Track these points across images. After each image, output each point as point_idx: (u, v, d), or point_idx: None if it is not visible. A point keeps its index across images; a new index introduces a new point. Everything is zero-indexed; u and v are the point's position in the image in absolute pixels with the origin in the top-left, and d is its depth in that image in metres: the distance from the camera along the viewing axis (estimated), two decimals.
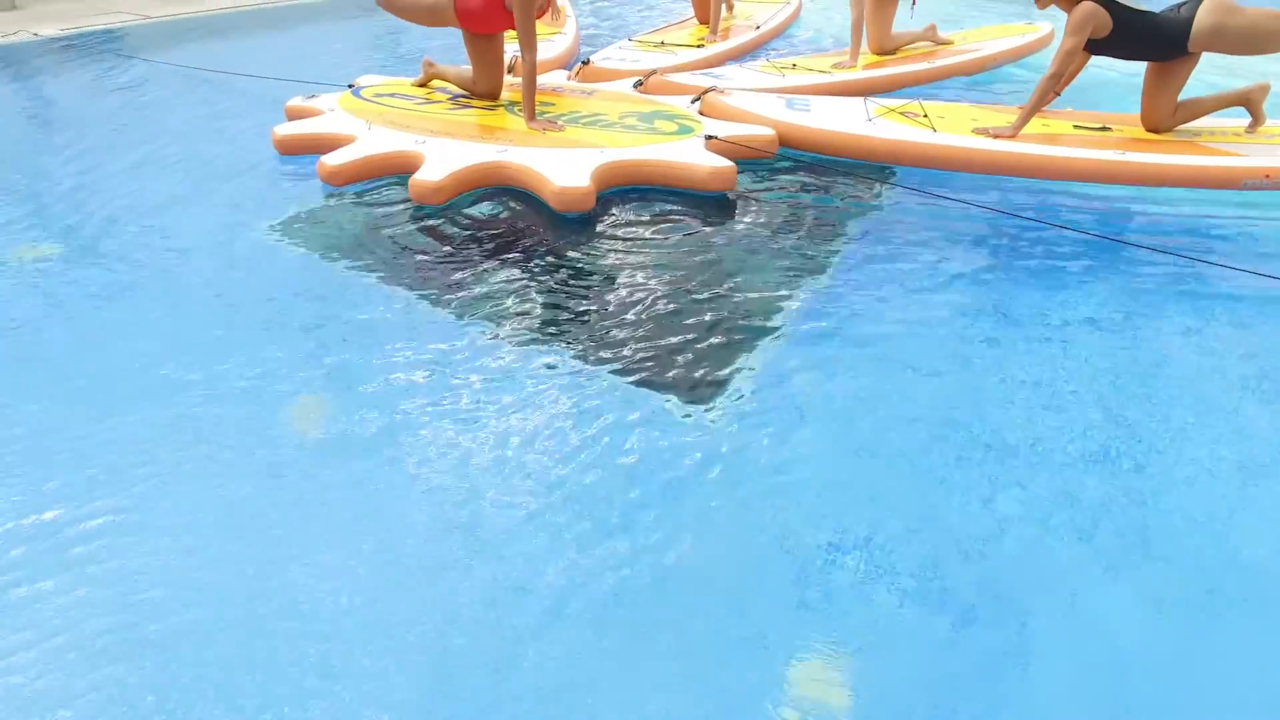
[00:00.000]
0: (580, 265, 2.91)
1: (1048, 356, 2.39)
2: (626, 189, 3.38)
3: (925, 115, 3.71)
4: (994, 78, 5.16)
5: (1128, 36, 3.28)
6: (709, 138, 3.45)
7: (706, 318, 2.58)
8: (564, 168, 3.17)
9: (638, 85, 4.27)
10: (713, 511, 1.88)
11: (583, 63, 4.62)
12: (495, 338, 2.50)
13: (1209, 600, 1.64)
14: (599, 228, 3.16)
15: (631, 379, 2.31)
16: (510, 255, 2.95)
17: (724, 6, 6.13)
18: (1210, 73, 4.07)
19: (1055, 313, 2.59)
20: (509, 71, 4.31)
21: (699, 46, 5.22)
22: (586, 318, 2.60)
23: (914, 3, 5.16)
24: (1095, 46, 3.35)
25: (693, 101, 3.93)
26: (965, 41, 5.46)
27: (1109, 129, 3.62)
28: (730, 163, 3.24)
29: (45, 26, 6.68)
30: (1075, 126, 3.64)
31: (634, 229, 3.13)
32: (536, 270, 2.87)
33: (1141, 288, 2.71)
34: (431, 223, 3.20)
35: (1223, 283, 2.70)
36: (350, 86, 4.42)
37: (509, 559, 1.73)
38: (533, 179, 3.21)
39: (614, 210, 3.26)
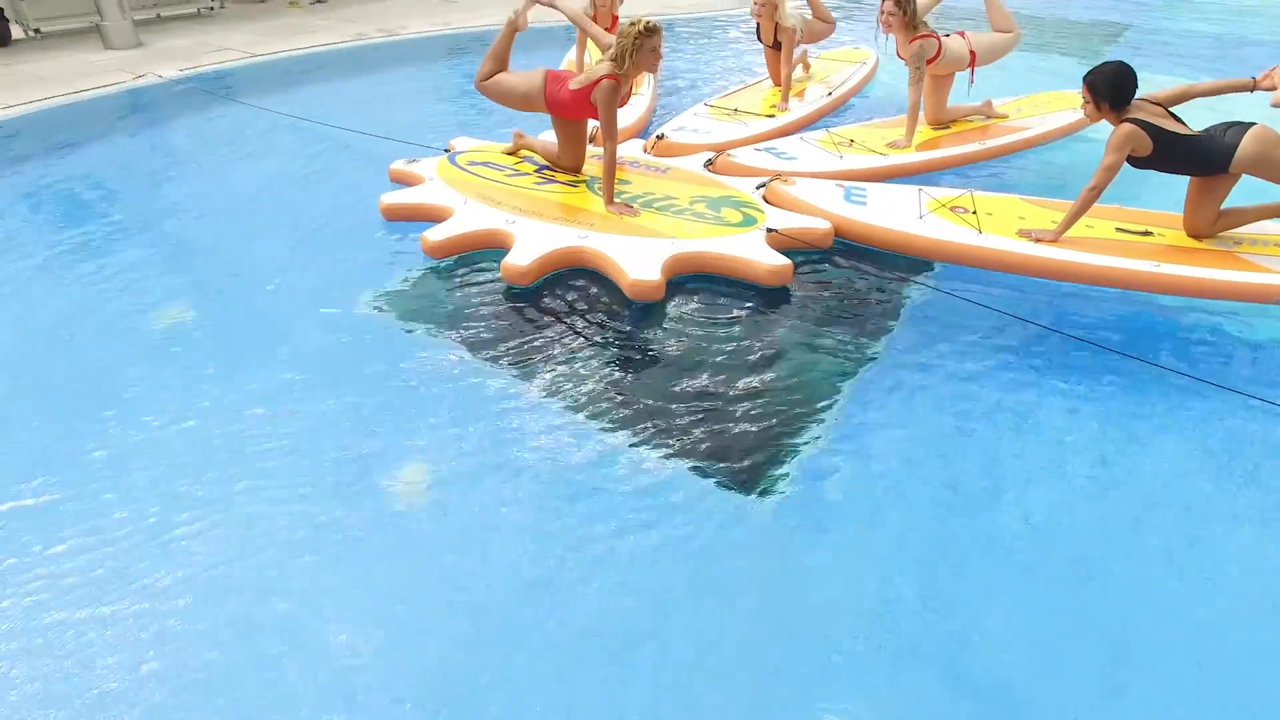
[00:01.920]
0: (648, 348, 3.29)
1: (1070, 473, 2.67)
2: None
3: (974, 211, 3.99)
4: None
5: (1168, 157, 3.52)
6: (769, 230, 3.80)
7: (756, 406, 2.93)
8: (638, 259, 3.55)
9: (708, 164, 4.64)
10: (748, 592, 2.24)
11: (658, 137, 4.98)
12: (561, 416, 2.89)
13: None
14: (667, 310, 3.53)
15: (684, 462, 2.68)
16: (585, 335, 3.35)
17: (800, 67, 6.41)
18: None
19: (1077, 430, 2.86)
20: (590, 141, 4.72)
21: (770, 116, 5.52)
22: (647, 399, 2.98)
23: (971, 80, 5.40)
24: (1137, 162, 3.59)
25: (758, 187, 4.28)
26: (1019, 113, 5.67)
27: (1151, 233, 3.84)
28: (788, 260, 3.58)
29: (166, 66, 7.35)
30: (1118, 229, 3.87)
31: (698, 315, 3.50)
32: (607, 352, 3.26)
33: (1155, 409, 2.96)
34: (517, 299, 3.61)
35: (1250, 410, 2.94)
36: (446, 151, 4.89)
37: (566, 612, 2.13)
38: (610, 267, 3.61)
39: (681, 295, 3.63)
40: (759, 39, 5.96)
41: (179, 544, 2.37)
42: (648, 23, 3.86)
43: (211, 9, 9.87)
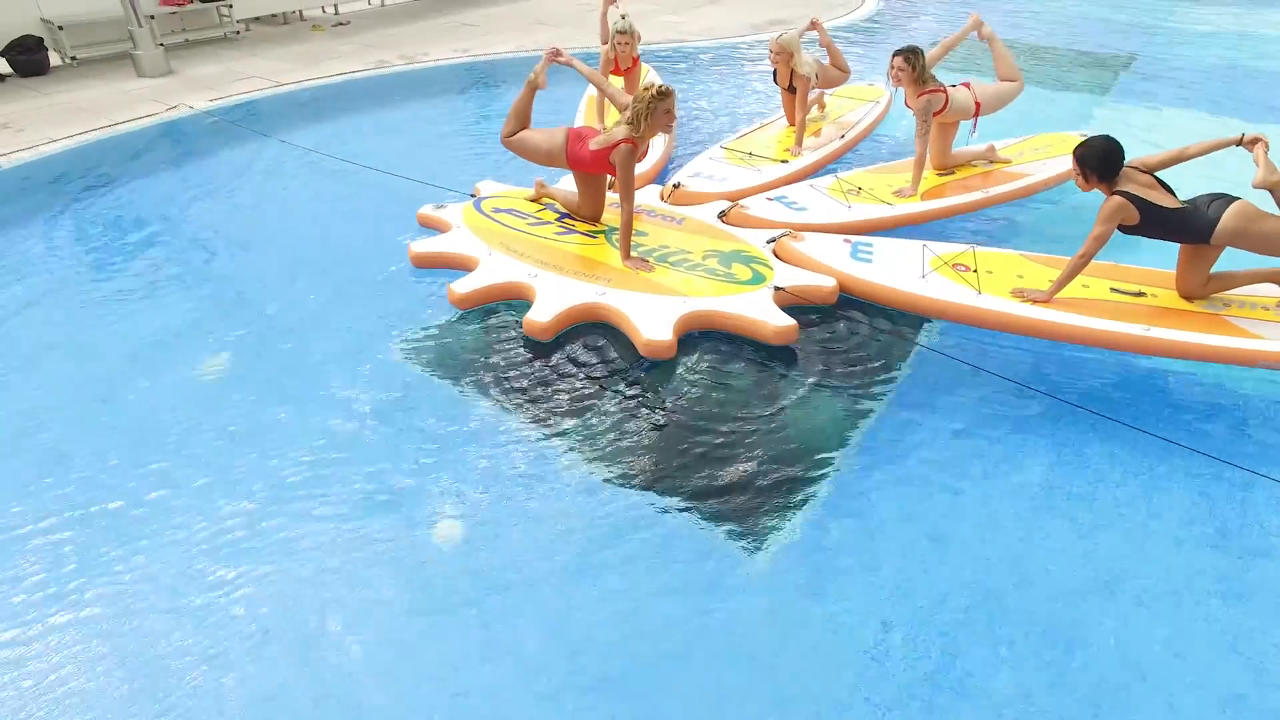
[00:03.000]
0: (659, 402, 3.52)
1: (1058, 531, 2.87)
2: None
3: (975, 269, 4.18)
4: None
5: (1155, 227, 3.71)
6: (776, 289, 4.01)
7: (761, 460, 3.17)
8: (651, 318, 3.78)
9: (721, 215, 4.85)
10: (751, 639, 2.47)
11: (674, 186, 5.19)
12: (575, 468, 3.14)
13: None
14: (678, 365, 3.74)
15: (692, 512, 2.92)
16: (599, 388, 3.58)
17: (815, 107, 6.58)
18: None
19: (1065, 489, 3.06)
20: (609, 188, 4.93)
21: (784, 161, 5.70)
22: (658, 452, 3.22)
23: (974, 129, 5.58)
24: (1126, 230, 3.77)
25: (768, 242, 4.49)
26: (1021, 158, 5.82)
27: (1144, 294, 4.02)
28: (793, 321, 3.80)
29: (196, 96, 7.61)
30: (1112, 290, 4.05)
31: (707, 370, 3.71)
32: (620, 405, 3.49)
33: (1137, 471, 3.14)
34: (537, 351, 3.83)
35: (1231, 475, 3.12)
36: (472, 196, 5.12)
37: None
38: (625, 324, 3.83)
39: (692, 349, 3.83)
40: (775, 82, 6.14)
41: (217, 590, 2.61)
42: (660, 87, 4.09)
43: (237, 33, 10.15)
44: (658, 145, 5.90)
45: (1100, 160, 3.74)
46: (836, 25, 10.56)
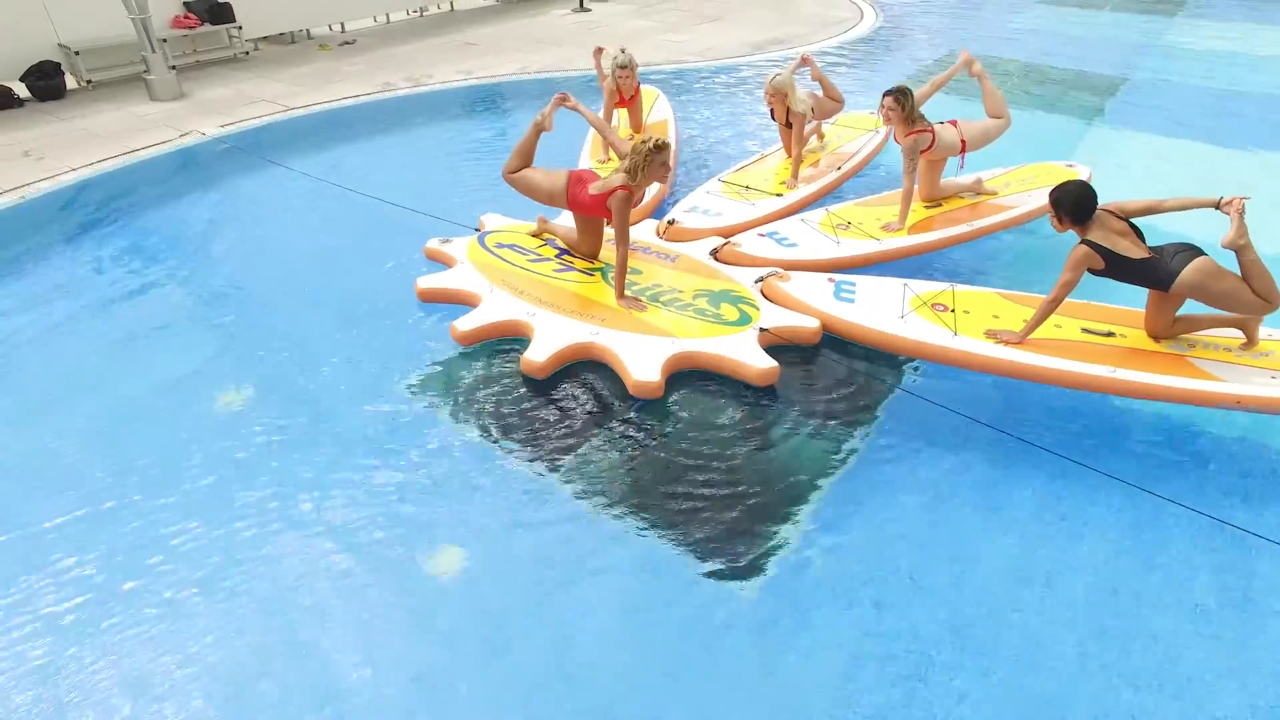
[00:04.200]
0: (647, 439, 3.74)
1: (1029, 566, 3.08)
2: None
3: (953, 309, 4.38)
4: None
5: (1120, 273, 3.91)
6: (761, 330, 4.22)
7: (745, 496, 3.39)
8: (641, 359, 4.01)
9: (713, 253, 5.06)
10: (734, 668, 2.69)
11: (669, 221, 5.40)
12: (570, 503, 3.37)
13: None
14: (666, 403, 3.95)
15: (678, 547, 3.15)
16: (591, 425, 3.81)
17: (815, 137, 6.76)
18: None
19: (1040, 527, 3.27)
20: (607, 224, 5.14)
21: (779, 195, 5.89)
22: (645, 487, 3.45)
23: (961, 164, 5.78)
24: (1095, 273, 3.97)
25: (756, 281, 4.69)
26: (1008, 189, 6.00)
27: (1113, 334, 4.21)
28: (775, 364, 4.02)
29: (208, 121, 7.84)
30: (1083, 330, 4.24)
31: (694, 407, 3.93)
32: (611, 442, 3.71)
33: (1106, 510, 3.36)
34: (533, 387, 4.05)
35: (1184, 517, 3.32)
36: (476, 230, 5.34)
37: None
38: (616, 364, 4.05)
39: (680, 386, 4.05)
40: (772, 118, 6.33)
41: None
42: (657, 141, 4.32)
43: (247, 53, 10.39)
44: (652, 187, 6.11)
45: (1074, 205, 3.94)
46: (834, 44, 10.73)
